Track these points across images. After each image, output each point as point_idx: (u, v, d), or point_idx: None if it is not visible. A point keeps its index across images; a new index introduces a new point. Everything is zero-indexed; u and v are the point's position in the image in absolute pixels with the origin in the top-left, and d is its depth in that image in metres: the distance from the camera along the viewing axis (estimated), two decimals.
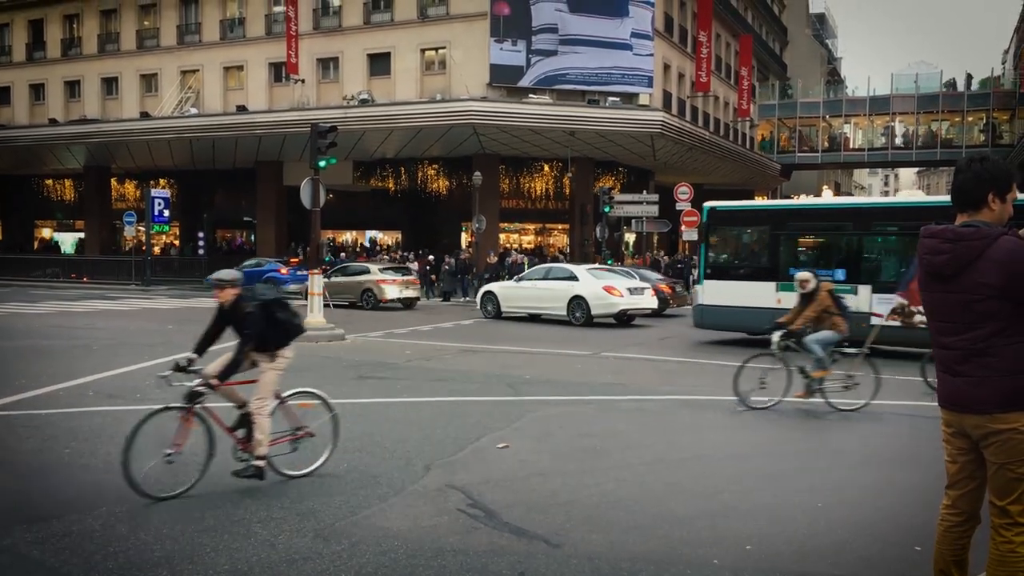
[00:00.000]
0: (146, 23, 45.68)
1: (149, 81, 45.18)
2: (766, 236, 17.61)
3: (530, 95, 35.61)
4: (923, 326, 4.24)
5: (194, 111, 41.20)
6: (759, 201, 20.71)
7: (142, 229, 38.99)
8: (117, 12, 46.17)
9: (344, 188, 39.40)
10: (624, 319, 21.61)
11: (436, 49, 38.00)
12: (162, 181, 44.74)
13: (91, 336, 17.65)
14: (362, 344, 16.76)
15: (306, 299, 17.83)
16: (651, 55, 38.11)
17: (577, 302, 21.20)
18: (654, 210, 34.00)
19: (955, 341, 3.71)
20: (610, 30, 36.91)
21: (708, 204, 18.56)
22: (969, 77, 55.14)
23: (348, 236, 46.66)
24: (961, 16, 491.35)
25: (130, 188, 48.47)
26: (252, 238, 45.30)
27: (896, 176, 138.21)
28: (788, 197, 64.17)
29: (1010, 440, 3.60)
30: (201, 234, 41.61)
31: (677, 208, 33.63)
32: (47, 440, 8.14)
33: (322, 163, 17.92)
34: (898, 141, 55.80)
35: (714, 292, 17.56)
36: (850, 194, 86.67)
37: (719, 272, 17.77)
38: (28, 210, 51.98)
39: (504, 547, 5.35)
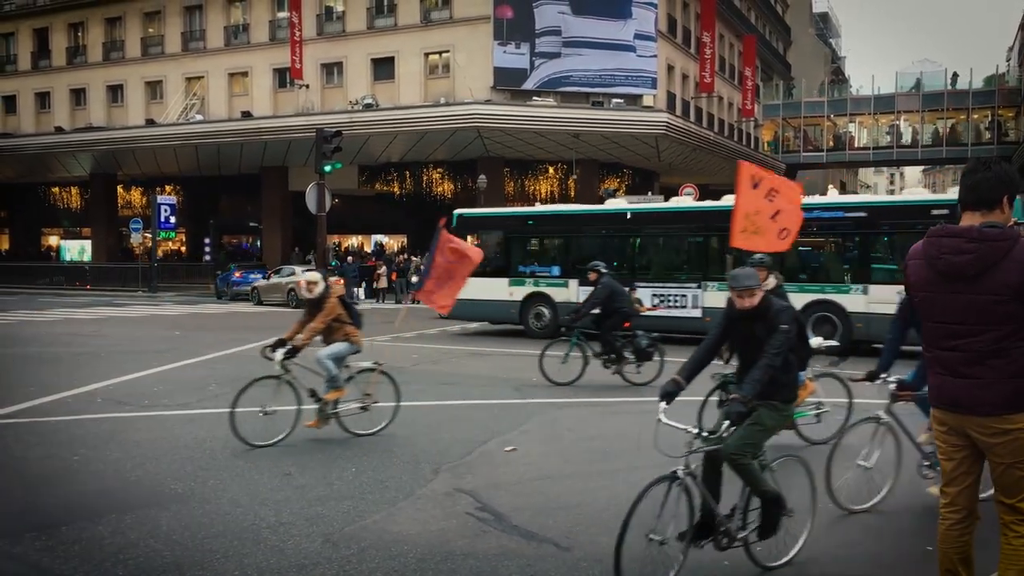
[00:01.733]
0: (151, 30, 45.82)
1: (154, 88, 45.31)
2: (501, 238, 20.33)
3: (534, 98, 35.62)
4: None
5: (199, 117, 41.31)
6: (497, 209, 23.77)
7: (148, 236, 39.11)
8: (122, 20, 46.31)
9: (349, 192, 39.44)
10: None
11: (440, 53, 38.04)
12: (168, 188, 44.88)
13: (98, 343, 17.69)
14: (369, 349, 16.75)
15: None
16: (655, 56, 38.08)
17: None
18: None
19: (967, 343, 3.67)
20: (613, 32, 36.90)
21: (457, 211, 21.05)
22: (969, 72, 55.02)
23: (354, 240, 46.73)
24: (965, 14, 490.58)
25: (136, 195, 48.62)
26: (259, 243, 45.39)
27: (902, 175, 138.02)
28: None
29: (1018, 440, 3.59)
30: (207, 240, 41.69)
31: None
32: (56, 447, 8.16)
33: (327, 168, 17.97)
34: (904, 140, 55.69)
35: (468, 287, 18.20)
36: (855, 193, 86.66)
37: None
38: (35, 218, 52.19)
39: (514, 550, 5.34)
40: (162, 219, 36.50)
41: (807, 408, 8.32)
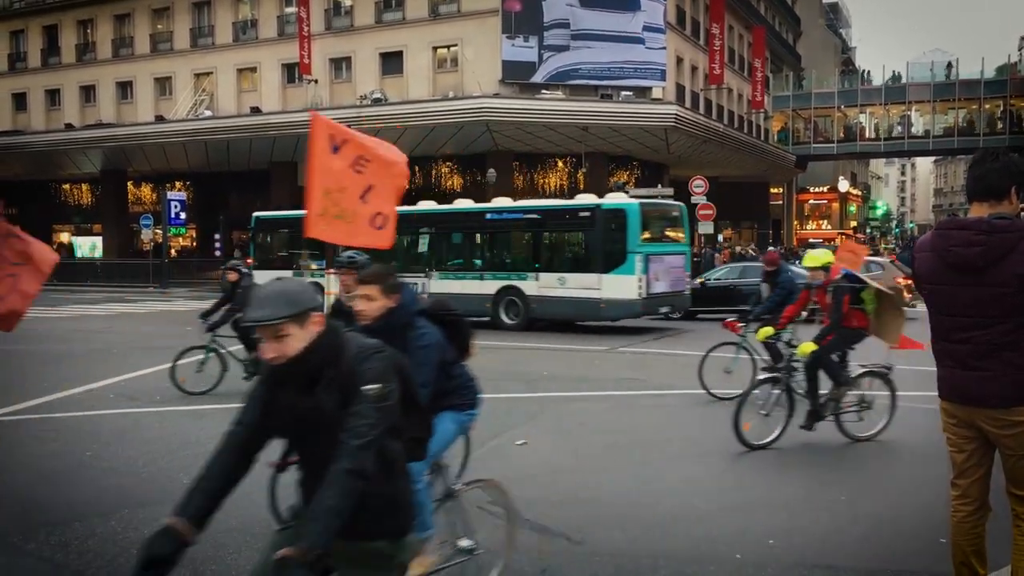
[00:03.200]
0: (159, 27, 45.89)
1: (163, 84, 45.39)
2: (287, 236, 23.96)
3: (543, 91, 35.55)
4: None
5: (208, 113, 41.38)
6: (286, 212, 26.41)
7: (159, 232, 39.19)
8: (131, 17, 46.39)
9: None
10: None
11: (448, 47, 37.99)
12: (178, 184, 44.95)
13: (110, 339, 17.76)
14: None
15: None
16: (663, 48, 37.94)
17: None
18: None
19: (977, 336, 3.66)
20: (622, 24, 36.77)
21: (256, 214, 25.31)
22: (981, 62, 54.62)
23: None
24: (977, 3, 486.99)
25: (146, 191, 48.76)
26: None
27: (913, 165, 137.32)
28: (805, 190, 64.03)
29: None
30: (218, 235, 41.77)
31: (692, 202, 33.45)
32: (68, 443, 8.20)
33: None
34: (915, 130, 55.38)
35: (260, 279, 20.85)
36: (867, 185, 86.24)
37: (264, 263, 23.25)
38: (46, 215, 52.37)
39: (525, 545, 5.33)
40: (172, 215, 36.59)
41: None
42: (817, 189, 65.14)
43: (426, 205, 22.59)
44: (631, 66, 37.06)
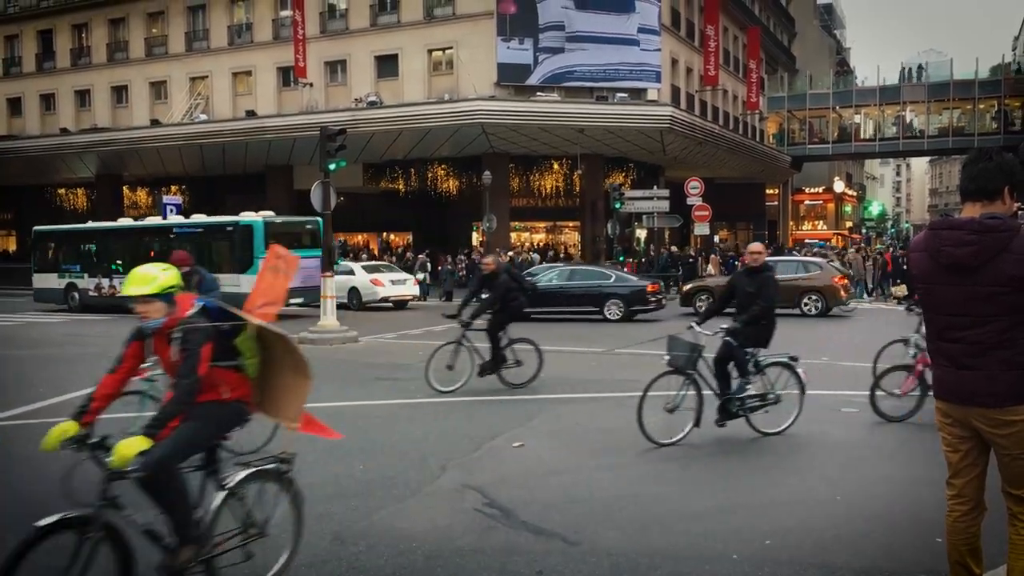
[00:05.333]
0: (154, 31, 45.88)
1: (158, 88, 45.37)
2: (64, 246, 28.71)
3: (538, 93, 35.58)
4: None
5: (204, 117, 41.36)
6: (64, 226, 31.73)
7: None
8: (125, 21, 46.38)
9: (354, 190, 39.43)
10: (392, 303, 26.58)
11: (443, 49, 38.02)
12: (173, 188, 44.89)
13: (108, 343, 17.70)
14: (376, 346, 16.79)
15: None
16: (658, 50, 38.00)
17: (353, 291, 25.86)
18: (665, 205, 33.89)
19: (971, 335, 3.67)
20: (617, 26, 36.83)
21: (36, 228, 30.33)
22: (975, 62, 54.76)
23: (360, 238, 46.72)
24: (971, 4, 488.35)
25: (142, 195, 48.65)
26: None
27: (908, 165, 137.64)
28: (800, 191, 64.11)
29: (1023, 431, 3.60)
30: None
31: (688, 203, 33.54)
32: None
33: (332, 166, 17.95)
34: (909, 131, 55.49)
35: (40, 280, 28.68)
36: (862, 185, 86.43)
37: (43, 268, 28.51)
38: (41, 219, 52.15)
39: (522, 546, 5.35)
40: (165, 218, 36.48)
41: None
42: (812, 190, 65.26)
43: (125, 222, 29.23)
44: (626, 68, 37.12)
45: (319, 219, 23.24)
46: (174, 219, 27.17)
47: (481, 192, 33.27)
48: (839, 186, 66.35)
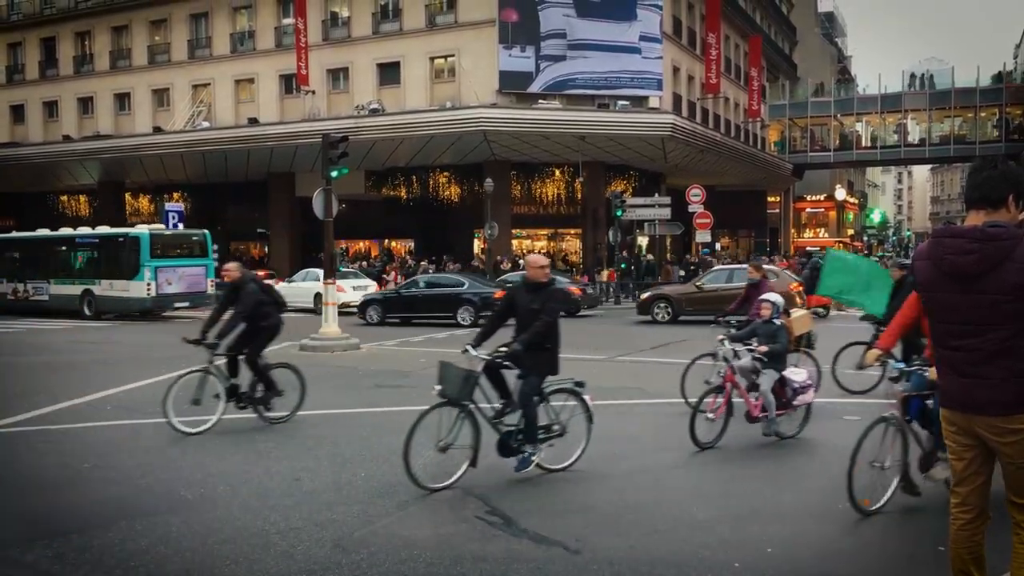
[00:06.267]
0: (157, 38, 45.98)
1: (161, 96, 45.44)
2: (10, 255, 29.62)
3: (540, 101, 35.62)
4: None
5: (206, 124, 41.41)
6: (11, 235, 32.72)
7: None
8: (128, 28, 46.48)
9: (356, 198, 39.47)
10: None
11: (445, 57, 38.08)
12: (176, 195, 44.92)
13: (108, 351, 17.74)
14: (377, 353, 16.78)
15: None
16: (660, 58, 38.05)
17: (318, 296, 25.87)
18: (666, 213, 33.94)
19: (974, 343, 3.66)
20: (618, 34, 36.88)
21: None
22: (976, 70, 54.88)
23: (361, 245, 46.74)
24: (972, 11, 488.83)
25: (144, 202, 48.72)
26: (266, 249, 45.47)
27: (909, 173, 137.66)
28: (802, 198, 64.12)
29: None
30: (215, 247, 41.71)
31: (689, 210, 33.56)
32: (66, 455, 8.18)
33: (334, 173, 17.95)
34: (911, 138, 55.56)
35: None
36: (864, 193, 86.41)
37: None
38: (44, 226, 52.20)
39: (523, 554, 5.33)
40: (170, 226, 36.52)
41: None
42: (814, 197, 65.29)
43: (41, 232, 30.57)
44: (628, 76, 37.16)
45: (206, 231, 28.40)
46: (81, 230, 29.66)
47: (483, 199, 33.28)
48: (841, 194, 66.39)
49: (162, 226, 28.64)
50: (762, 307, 9.01)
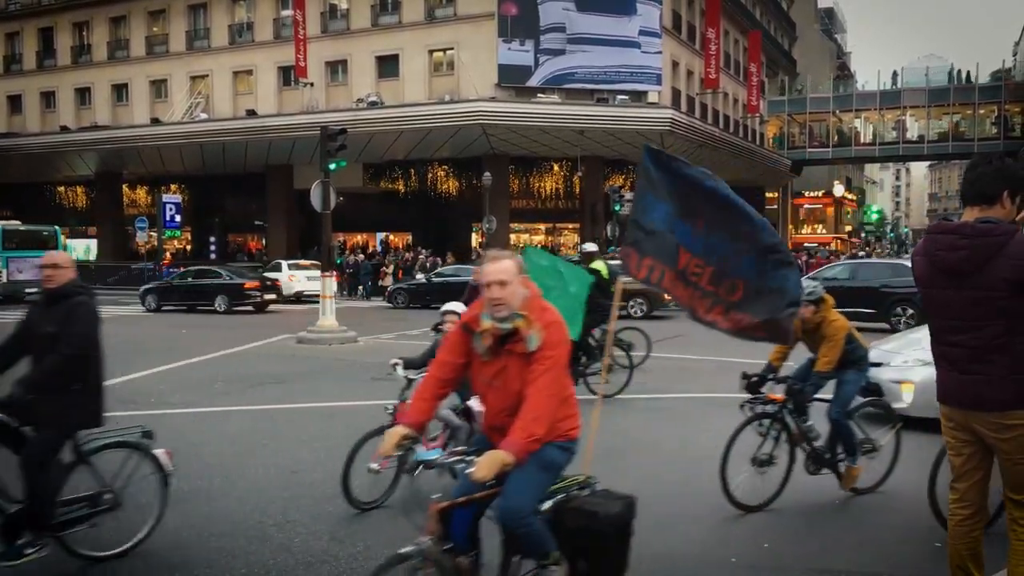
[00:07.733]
0: (155, 29, 45.87)
1: (159, 87, 45.36)
2: None
3: (539, 95, 35.59)
4: None
5: (204, 116, 41.33)
6: None
7: (154, 235, 39.09)
8: (126, 19, 46.36)
9: (354, 190, 39.41)
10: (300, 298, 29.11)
11: (444, 50, 38.02)
12: (173, 186, 44.90)
13: (104, 342, 17.67)
14: (375, 346, 16.76)
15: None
16: (659, 53, 38.01)
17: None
18: None
19: (967, 339, 3.66)
20: (618, 28, 36.84)
21: None
22: (975, 67, 54.91)
23: (359, 238, 46.71)
24: (971, 9, 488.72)
25: (141, 194, 48.66)
26: (264, 241, 45.42)
27: (908, 170, 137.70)
28: (800, 194, 64.13)
29: None
30: (213, 238, 41.72)
31: None
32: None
33: (332, 166, 17.94)
34: (909, 135, 55.57)
35: None
36: (862, 189, 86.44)
37: None
38: (41, 217, 52.13)
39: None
40: (167, 218, 36.54)
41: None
42: (812, 194, 65.30)
43: None
44: (627, 70, 37.12)
45: (56, 227, 31.42)
46: None
47: (481, 193, 33.26)
48: (839, 190, 66.38)
49: (17, 222, 31.89)
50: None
